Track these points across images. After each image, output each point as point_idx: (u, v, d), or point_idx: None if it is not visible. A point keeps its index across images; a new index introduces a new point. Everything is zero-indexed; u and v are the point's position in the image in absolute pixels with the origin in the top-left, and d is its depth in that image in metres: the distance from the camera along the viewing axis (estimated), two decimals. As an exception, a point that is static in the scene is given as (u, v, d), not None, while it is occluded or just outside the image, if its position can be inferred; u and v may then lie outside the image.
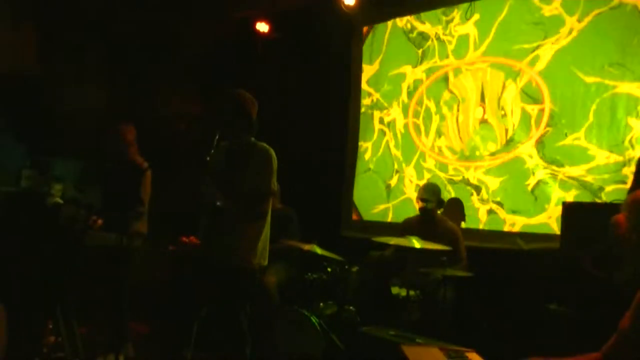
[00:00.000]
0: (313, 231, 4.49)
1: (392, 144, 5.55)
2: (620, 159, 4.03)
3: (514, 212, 4.56)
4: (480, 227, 4.75)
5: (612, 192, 4.02)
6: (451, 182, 5.00)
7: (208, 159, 2.84)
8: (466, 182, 4.92)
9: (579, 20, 4.34)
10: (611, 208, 2.84)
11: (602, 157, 4.12)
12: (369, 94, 5.81)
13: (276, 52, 6.13)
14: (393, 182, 5.48)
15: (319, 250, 3.94)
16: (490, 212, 4.70)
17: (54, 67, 5.68)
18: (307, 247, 3.94)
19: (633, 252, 1.88)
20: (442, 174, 5.08)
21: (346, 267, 4.15)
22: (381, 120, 5.66)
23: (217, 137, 2.87)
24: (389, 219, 5.46)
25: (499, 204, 4.66)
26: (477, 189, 4.82)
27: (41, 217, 4.05)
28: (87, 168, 5.39)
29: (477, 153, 4.93)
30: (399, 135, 5.50)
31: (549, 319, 3.42)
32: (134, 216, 3.85)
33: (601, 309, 2.83)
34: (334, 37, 5.73)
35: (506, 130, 4.73)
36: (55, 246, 3.65)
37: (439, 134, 5.21)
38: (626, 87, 4.05)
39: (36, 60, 5.66)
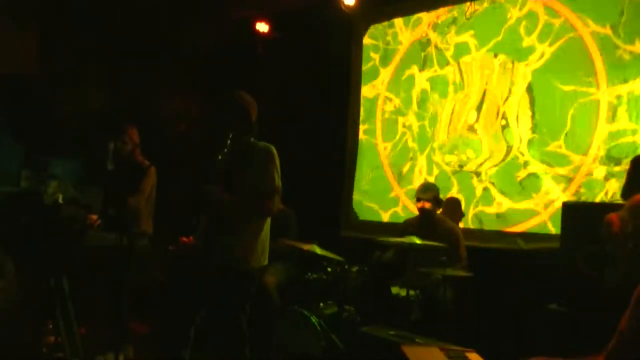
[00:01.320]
0: (313, 231, 4.49)
1: (410, 139, 5.52)
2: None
3: (502, 193, 4.65)
4: (474, 205, 4.79)
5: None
6: (454, 172, 5.01)
7: (220, 157, 2.85)
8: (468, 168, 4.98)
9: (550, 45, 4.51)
10: (611, 208, 2.83)
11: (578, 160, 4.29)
12: (390, 99, 5.74)
13: (276, 52, 6.13)
14: (405, 169, 5.46)
15: (318, 250, 3.94)
16: (485, 189, 4.76)
17: (55, 68, 5.69)
18: (306, 247, 3.95)
19: (626, 253, 1.88)
20: (447, 168, 5.08)
21: (346, 267, 4.15)
22: (403, 125, 5.57)
23: (230, 136, 2.88)
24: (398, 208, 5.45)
25: (492, 183, 4.73)
26: (477, 173, 4.86)
27: (40, 217, 4.04)
28: (87, 168, 5.40)
29: (455, 152, 4.99)
30: (415, 133, 5.48)
31: (549, 319, 3.42)
32: (132, 215, 3.85)
33: (600, 308, 2.83)
34: (334, 37, 5.73)
35: (507, 148, 4.69)
36: (54, 246, 3.65)
37: (433, 120, 5.21)
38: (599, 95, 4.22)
39: (37, 61, 5.67)
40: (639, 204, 1.91)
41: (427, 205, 4.24)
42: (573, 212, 3.46)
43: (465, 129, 4.99)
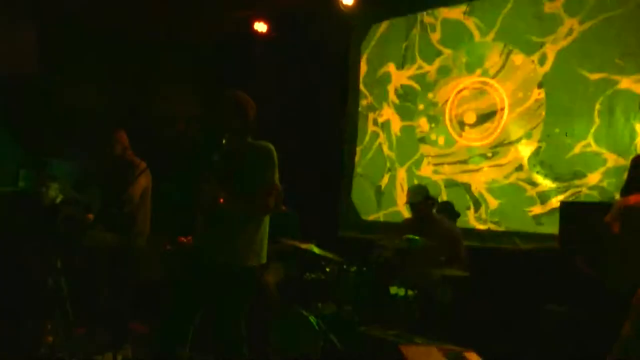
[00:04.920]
0: (312, 231, 4.49)
1: (385, 146, 5.55)
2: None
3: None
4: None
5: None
6: (448, 184, 5.00)
7: (218, 157, 2.86)
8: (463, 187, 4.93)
9: (581, 23, 4.26)
10: (609, 208, 2.83)
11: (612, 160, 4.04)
12: (365, 96, 5.79)
13: (275, 52, 6.13)
14: (383, 183, 5.49)
15: (317, 250, 3.93)
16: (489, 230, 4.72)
17: (54, 68, 5.69)
18: (305, 246, 3.94)
19: (621, 254, 1.88)
20: (437, 177, 5.07)
21: (344, 267, 4.14)
22: (375, 122, 5.63)
23: (228, 135, 2.90)
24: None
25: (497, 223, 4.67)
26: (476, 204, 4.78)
27: (39, 217, 4.05)
28: (86, 168, 5.40)
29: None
30: (393, 138, 5.50)
31: (548, 318, 3.41)
32: (129, 215, 3.85)
33: (599, 308, 2.82)
34: (333, 37, 5.73)
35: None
36: (53, 246, 3.66)
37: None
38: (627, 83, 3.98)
39: (36, 61, 5.67)
40: (624, 207, 1.91)
41: (420, 206, 4.23)
42: (571, 212, 3.46)
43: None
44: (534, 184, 4.46)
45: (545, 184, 4.36)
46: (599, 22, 4.15)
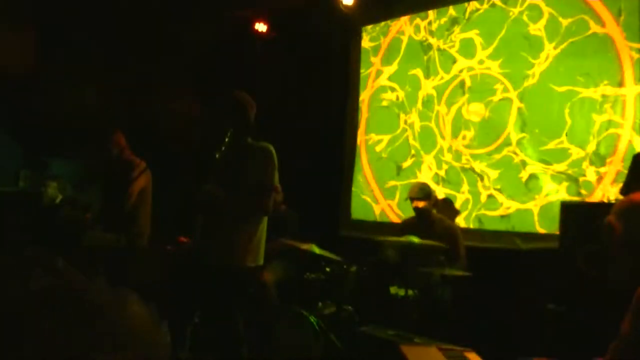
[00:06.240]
0: (312, 231, 4.48)
1: (410, 138, 5.48)
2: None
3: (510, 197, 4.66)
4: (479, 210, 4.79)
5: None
6: (463, 170, 5.00)
7: (218, 156, 2.87)
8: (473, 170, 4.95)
9: (555, 48, 4.50)
10: (609, 207, 2.82)
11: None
12: (392, 89, 5.69)
13: (275, 52, 6.13)
14: (407, 164, 5.42)
15: (317, 250, 3.93)
16: (490, 196, 4.77)
17: (54, 67, 5.68)
18: (305, 246, 3.94)
19: (620, 254, 1.87)
20: (456, 164, 5.05)
21: (345, 266, 4.14)
22: (405, 122, 5.54)
23: (228, 135, 2.90)
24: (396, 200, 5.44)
25: (498, 190, 4.75)
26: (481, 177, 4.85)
27: (39, 217, 4.05)
28: (86, 168, 5.40)
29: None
30: (416, 133, 5.45)
31: (548, 319, 3.41)
32: (129, 214, 3.85)
33: (600, 308, 2.82)
34: (333, 37, 5.73)
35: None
36: (52, 246, 3.65)
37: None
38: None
39: (35, 60, 5.67)
40: (629, 205, 1.90)
41: (421, 204, 4.23)
42: (571, 212, 3.45)
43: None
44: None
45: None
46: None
